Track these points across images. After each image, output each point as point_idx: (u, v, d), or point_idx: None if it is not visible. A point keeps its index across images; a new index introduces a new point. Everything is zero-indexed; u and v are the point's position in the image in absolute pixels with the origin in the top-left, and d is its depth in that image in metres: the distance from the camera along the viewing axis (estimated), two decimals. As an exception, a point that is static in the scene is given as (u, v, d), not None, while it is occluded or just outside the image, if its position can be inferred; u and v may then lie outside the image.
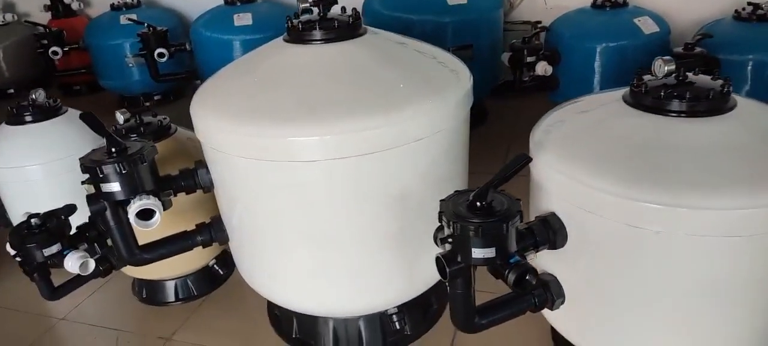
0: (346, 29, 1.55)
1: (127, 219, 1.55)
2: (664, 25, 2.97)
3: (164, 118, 2.00)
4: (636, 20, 2.91)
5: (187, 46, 3.84)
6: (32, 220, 1.67)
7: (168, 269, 1.96)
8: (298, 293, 1.61)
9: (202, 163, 1.61)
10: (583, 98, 1.63)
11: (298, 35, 1.56)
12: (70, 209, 1.72)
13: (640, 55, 2.92)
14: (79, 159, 1.49)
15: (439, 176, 1.52)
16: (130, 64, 4.14)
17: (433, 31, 2.98)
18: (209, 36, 3.67)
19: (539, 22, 3.67)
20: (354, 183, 1.41)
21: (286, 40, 1.61)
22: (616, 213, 1.22)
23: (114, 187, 1.46)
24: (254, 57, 1.66)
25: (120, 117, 1.92)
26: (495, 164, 1.65)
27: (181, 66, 4.24)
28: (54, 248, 1.65)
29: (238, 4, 3.76)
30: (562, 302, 1.43)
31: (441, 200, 1.31)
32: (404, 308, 1.74)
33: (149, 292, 2.09)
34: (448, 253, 1.28)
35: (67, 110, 2.30)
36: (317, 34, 1.54)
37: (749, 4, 2.86)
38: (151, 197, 1.47)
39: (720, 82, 1.34)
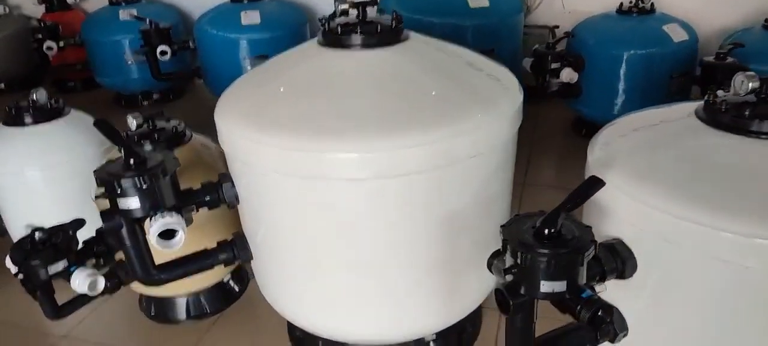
0: (389, 34, 1.42)
1: (145, 237, 1.41)
2: (693, 33, 2.87)
3: (179, 123, 1.85)
4: (665, 27, 2.81)
5: (191, 45, 3.69)
6: (36, 234, 1.52)
7: (179, 286, 1.80)
8: (330, 319, 1.47)
9: (226, 177, 1.47)
10: (644, 112, 1.51)
11: (337, 39, 1.43)
12: (79, 223, 1.57)
13: (668, 63, 2.82)
14: (94, 172, 1.35)
15: (489, 196, 1.40)
16: (130, 62, 3.98)
17: (453, 34, 2.85)
18: (215, 34, 3.52)
19: (557, 27, 3.57)
20: (401, 204, 1.28)
21: (321, 44, 1.47)
22: (702, 245, 1.11)
23: (133, 203, 1.31)
24: (287, 61, 1.52)
25: (132, 122, 1.78)
26: (516, 173, 1.54)
27: (182, 65, 4.09)
28: (60, 266, 1.51)
29: (246, 1, 3.61)
30: (625, 335, 1.31)
31: (502, 226, 1.18)
32: (441, 335, 1.61)
33: (159, 309, 1.95)
34: (510, 284, 1.16)
35: (70, 111, 2.14)
36: (358, 38, 1.41)
37: (780, 13, 2.77)
38: (173, 214, 1.33)
39: (802, 101, 1.23)
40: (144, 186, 1.30)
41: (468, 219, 1.37)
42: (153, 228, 1.29)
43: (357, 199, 1.26)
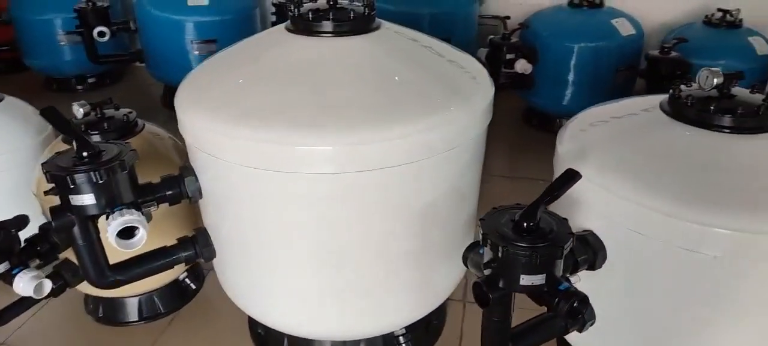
0: (362, 22, 1.38)
1: (98, 236, 1.31)
2: (640, 27, 2.98)
3: (130, 112, 1.73)
4: (613, 21, 2.90)
5: (132, 26, 3.48)
6: (-27, 234, 1.39)
7: (131, 286, 1.71)
8: (300, 316, 1.43)
9: (189, 170, 1.38)
10: (608, 105, 1.54)
11: (308, 25, 1.37)
12: (21, 221, 1.44)
13: (615, 56, 2.92)
14: (42, 165, 1.23)
15: (461, 189, 1.39)
16: (63, 43, 3.72)
17: (409, 22, 2.82)
18: (158, 15, 3.33)
19: (508, 18, 3.62)
20: (377, 198, 1.24)
21: (290, 30, 1.40)
22: (670, 235, 1.14)
23: (87, 199, 1.21)
24: (253, 48, 1.45)
25: (79, 110, 1.65)
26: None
27: (121, 47, 3.86)
28: (1, 268, 1.39)
29: (191, -18, 3.43)
30: (592, 324, 1.34)
31: (481, 220, 1.17)
32: (409, 328, 1.60)
33: (108, 310, 1.83)
34: (489, 278, 1.15)
35: (3, 98, 1.97)
36: (330, 25, 1.35)
37: (719, 10, 2.92)
38: (132, 211, 1.24)
39: (761, 96, 1.29)
40: (100, 181, 1.20)
41: (441, 212, 1.36)
42: (111, 226, 1.20)
43: (332, 193, 1.22)
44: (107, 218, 1.24)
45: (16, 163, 1.87)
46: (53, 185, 1.22)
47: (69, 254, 1.63)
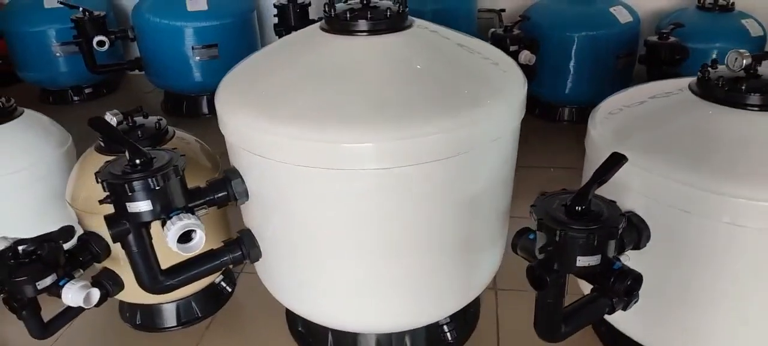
0: (397, 19, 1.41)
1: (151, 242, 1.32)
2: (636, 14, 3.06)
3: (160, 119, 1.74)
4: (612, 9, 2.97)
5: (130, 34, 3.45)
6: (20, 247, 1.39)
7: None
8: (350, 311, 1.45)
9: (234, 172, 1.40)
10: (634, 89, 1.60)
11: (344, 25, 1.39)
12: (67, 232, 1.45)
13: (614, 44, 3.00)
14: (97, 174, 1.24)
15: (502, 179, 1.43)
16: (58, 54, 3.68)
17: (413, 18, 2.87)
18: (158, 22, 3.32)
19: (503, 10, 3.68)
20: (425, 191, 1.28)
21: (325, 30, 1.43)
22: (715, 211, 1.20)
23: (143, 206, 1.23)
24: (292, 48, 1.47)
25: (112, 120, 1.65)
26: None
27: (115, 57, 3.83)
28: (48, 280, 1.41)
29: (189, -14, 3.43)
30: (637, 302, 1.39)
31: (533, 206, 1.22)
32: (452, 316, 1.64)
33: (145, 317, 1.84)
34: (544, 262, 1.20)
35: (23, 112, 1.96)
36: (366, 24, 1.38)
37: (711, -6, 3.01)
38: (189, 215, 1.26)
39: (783, 74, 1.36)
40: (157, 187, 1.21)
41: (485, 202, 1.40)
42: (171, 232, 1.21)
43: (382, 188, 1.25)
44: (163, 224, 1.26)
45: (39, 176, 1.87)
46: (108, 193, 1.24)
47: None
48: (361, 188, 1.25)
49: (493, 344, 1.72)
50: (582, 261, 1.16)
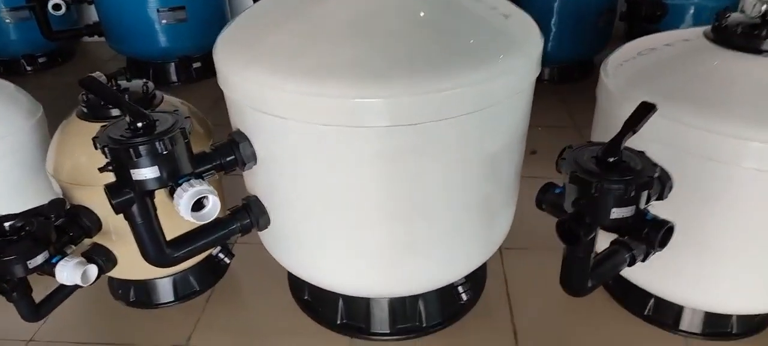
0: (410, -32, 1.33)
1: (156, 212, 1.23)
2: (616, -30, 3.05)
3: (146, 82, 1.61)
4: (593, -35, 2.95)
5: (88, -4, 3.22)
6: (6, 224, 1.27)
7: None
8: (368, 276, 1.40)
9: (241, 134, 1.31)
10: (646, 38, 1.58)
11: (355, -26, 1.30)
12: (58, 205, 1.34)
13: (596, 1, 2.99)
14: (95, 139, 1.13)
15: (520, 134, 1.39)
16: (8, 21, 3.40)
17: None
18: (119, -17, 3.10)
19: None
20: (446, 149, 1.22)
21: (333, -21, 1.33)
22: (741, 157, 1.19)
23: (149, 173, 1.13)
24: (296, 1, 1.36)
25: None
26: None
27: (69, 22, 3.58)
28: (40, 258, 1.30)
29: (151, -57, 3.20)
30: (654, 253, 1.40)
31: (561, 158, 1.19)
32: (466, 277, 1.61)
33: (140, 293, 1.73)
34: (576, 215, 1.17)
35: (-12, 78, 1.78)
36: (377, -27, 1.29)
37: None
38: (200, 180, 1.16)
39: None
40: (164, 151, 1.11)
41: (504, 160, 1.35)
42: (183, 199, 1.12)
43: (403, 145, 1.19)
44: (171, 192, 1.17)
45: (11, 149, 1.71)
46: (109, 160, 1.13)
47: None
48: (382, 147, 1.19)
49: (504, 301, 1.71)
50: (616, 213, 1.14)
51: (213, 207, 1.17)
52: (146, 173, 1.13)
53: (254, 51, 1.25)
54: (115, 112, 1.50)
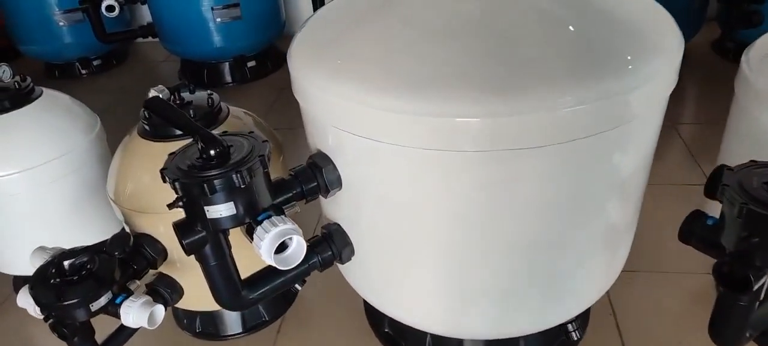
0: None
1: (231, 251, 1.07)
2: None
3: (211, 95, 1.45)
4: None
5: (140, -4, 3.13)
6: (66, 262, 1.14)
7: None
8: (469, 316, 1.21)
9: (323, 157, 1.13)
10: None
11: (455, -35, 1.09)
12: (123, 241, 1.19)
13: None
14: (163, 172, 0.97)
15: (651, 152, 1.15)
16: (61, 24, 3.35)
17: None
18: (172, -18, 2.98)
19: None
20: (580, 172, 1.01)
21: (426, -25, 1.13)
22: None
23: (225, 209, 0.96)
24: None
25: (158, 96, 1.36)
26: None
27: (122, 23, 3.51)
28: (103, 300, 1.16)
29: (203, -61, 3.08)
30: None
31: (723, 185, 0.95)
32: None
33: (206, 324, 1.59)
34: (741, 256, 0.94)
35: (41, 92, 1.67)
36: (483, -38, 1.08)
37: None
38: (283, 218, 0.99)
39: None
40: (242, 185, 0.95)
41: (633, 182, 1.13)
42: (265, 241, 0.95)
43: (525, 170, 0.98)
44: (248, 230, 1.00)
45: (71, 168, 1.59)
46: (180, 195, 0.97)
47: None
48: (497, 174, 0.98)
49: (614, 336, 1.48)
50: (801, 254, 0.90)
51: (298, 249, 1.00)
52: (222, 209, 0.96)
53: (338, 59, 1.06)
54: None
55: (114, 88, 3.38)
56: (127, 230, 1.46)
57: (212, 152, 0.97)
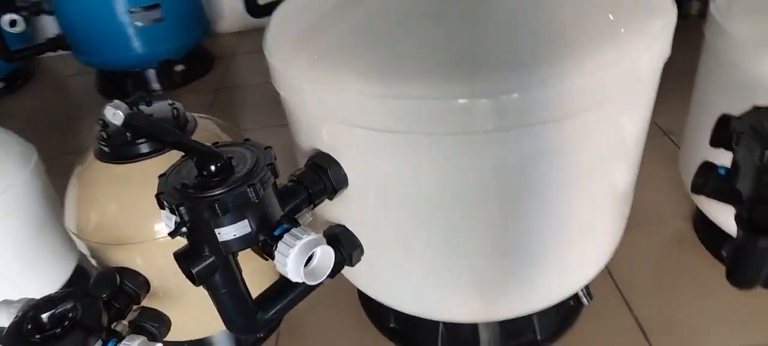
0: None
1: (241, 272, 0.96)
2: None
3: (173, 104, 1.31)
4: None
5: (45, 6, 2.82)
6: (44, 316, 0.99)
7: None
8: (491, 300, 1.17)
9: (325, 157, 1.04)
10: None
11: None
12: (108, 281, 1.05)
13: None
14: (160, 196, 0.85)
15: (649, 118, 1.16)
16: (-46, 45, 2.96)
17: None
18: (81, -13, 2.71)
19: None
20: (599, 142, 1.00)
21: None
22: None
23: (240, 229, 0.86)
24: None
25: (115, 114, 1.20)
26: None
27: (25, 39, 3.16)
28: (91, 350, 1.01)
29: (111, -62, 2.81)
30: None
31: (738, 133, 0.97)
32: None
33: (196, 352, 1.46)
34: (761, 200, 0.96)
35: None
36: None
37: None
38: (304, 229, 0.90)
39: None
40: (256, 200, 0.85)
41: (640, 141, 1.13)
42: (292, 256, 0.85)
43: (546, 145, 0.95)
44: (264, 248, 0.90)
45: (14, 206, 1.39)
46: (185, 220, 0.85)
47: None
48: (520, 152, 0.95)
49: (615, 294, 1.51)
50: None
51: (324, 258, 0.91)
52: (235, 229, 0.86)
53: (337, 52, 0.98)
54: (146, 147, 1.22)
55: (23, 111, 3.05)
56: (95, 265, 1.30)
57: (212, 168, 0.86)
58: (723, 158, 1.04)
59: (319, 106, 1.00)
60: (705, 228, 1.65)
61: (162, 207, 0.86)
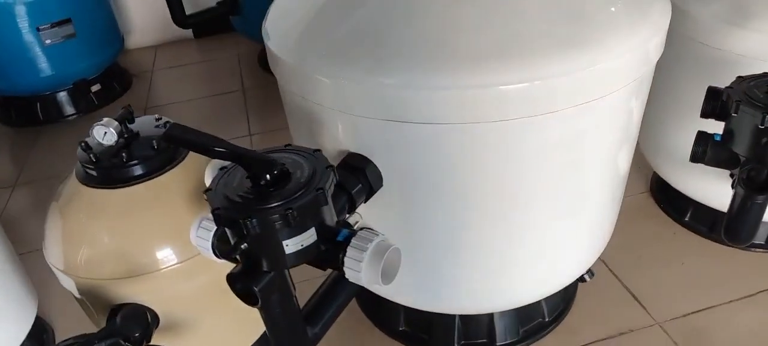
0: None
1: (295, 287, 0.90)
2: None
3: (160, 118, 1.20)
4: None
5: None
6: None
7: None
8: (524, 285, 1.20)
9: (359, 157, 1.01)
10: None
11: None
12: (138, 318, 0.95)
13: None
14: (218, 212, 0.77)
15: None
16: None
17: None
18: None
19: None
20: (623, 119, 1.06)
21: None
22: None
23: (306, 239, 0.81)
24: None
25: (107, 132, 1.08)
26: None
27: None
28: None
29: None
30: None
31: (736, 100, 1.07)
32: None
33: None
34: (759, 159, 1.07)
35: None
36: None
37: None
38: (370, 230, 0.86)
39: None
40: (325, 205, 0.80)
41: (638, 125, 1.21)
42: (366, 260, 0.81)
43: (589, 125, 0.99)
44: (329, 256, 0.85)
45: None
46: (247, 234, 0.78)
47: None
48: (563, 134, 0.97)
49: (604, 270, 1.60)
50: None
51: (393, 256, 0.87)
52: (301, 240, 0.80)
53: (365, 46, 0.95)
54: (140, 169, 1.10)
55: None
56: (87, 303, 1.16)
57: (268, 176, 0.80)
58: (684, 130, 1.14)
59: (355, 105, 0.96)
60: (662, 195, 1.80)
61: (219, 224, 0.79)
